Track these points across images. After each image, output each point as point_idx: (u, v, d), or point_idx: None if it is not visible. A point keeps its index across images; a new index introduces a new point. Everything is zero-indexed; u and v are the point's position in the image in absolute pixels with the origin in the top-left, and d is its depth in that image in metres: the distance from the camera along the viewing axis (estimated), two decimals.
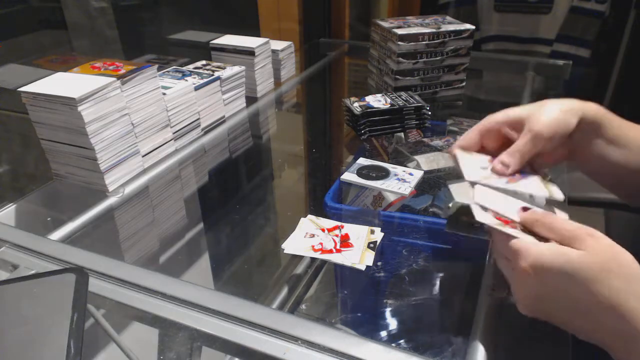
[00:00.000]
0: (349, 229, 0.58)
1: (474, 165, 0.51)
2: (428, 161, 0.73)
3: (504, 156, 0.49)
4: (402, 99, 0.86)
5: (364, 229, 0.58)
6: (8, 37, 1.11)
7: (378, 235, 0.57)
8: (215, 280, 0.70)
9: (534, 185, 0.49)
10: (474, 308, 0.48)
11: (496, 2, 1.69)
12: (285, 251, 0.54)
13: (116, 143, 0.71)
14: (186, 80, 0.86)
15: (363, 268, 0.52)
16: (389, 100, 0.85)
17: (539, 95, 1.15)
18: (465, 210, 0.60)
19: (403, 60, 1.01)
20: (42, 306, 0.41)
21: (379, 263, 0.63)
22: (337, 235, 0.57)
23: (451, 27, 1.02)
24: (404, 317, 0.61)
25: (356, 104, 0.84)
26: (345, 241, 0.56)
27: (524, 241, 0.41)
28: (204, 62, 1.00)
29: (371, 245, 0.55)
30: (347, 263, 0.52)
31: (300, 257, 0.57)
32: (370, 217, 0.62)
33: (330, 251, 0.54)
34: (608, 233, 0.39)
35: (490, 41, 1.74)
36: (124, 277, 0.49)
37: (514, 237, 0.42)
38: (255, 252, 0.78)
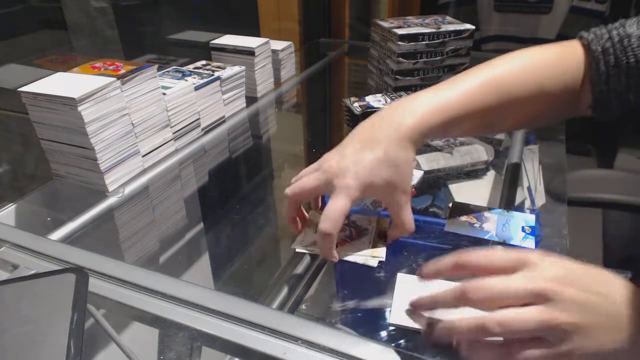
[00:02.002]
0: (358, 220, 0.58)
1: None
2: (428, 161, 0.73)
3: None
4: None
5: (373, 220, 0.58)
6: (8, 37, 1.11)
7: (387, 225, 0.57)
8: (215, 280, 0.70)
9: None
10: None
11: (496, 2, 1.68)
12: (296, 250, 0.54)
13: (116, 143, 0.71)
14: (186, 80, 0.86)
15: (375, 264, 0.52)
16: (389, 101, 0.85)
17: None
18: (465, 210, 0.60)
19: (403, 60, 1.01)
20: (42, 306, 0.41)
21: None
22: (346, 228, 0.57)
23: (451, 27, 1.01)
24: None
25: (356, 104, 0.84)
26: (354, 234, 0.56)
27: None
28: (204, 62, 1.00)
29: (382, 237, 0.55)
30: (360, 260, 0.52)
31: (301, 257, 0.57)
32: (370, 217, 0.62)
33: (343, 242, 0.54)
34: (606, 233, 0.39)
35: (490, 41, 1.74)
36: (124, 277, 0.49)
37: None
38: (255, 252, 0.78)
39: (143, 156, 0.77)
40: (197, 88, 0.87)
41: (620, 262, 0.94)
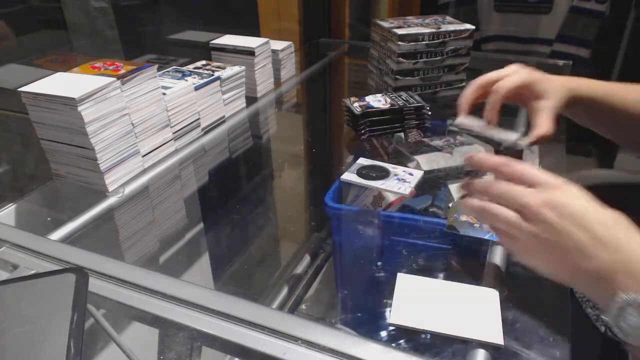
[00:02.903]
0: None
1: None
2: (428, 161, 0.73)
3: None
4: (402, 99, 0.86)
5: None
6: (8, 36, 1.11)
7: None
8: (215, 280, 0.70)
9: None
10: None
11: (496, 2, 1.69)
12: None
13: (116, 143, 0.71)
14: (186, 80, 0.86)
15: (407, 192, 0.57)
16: (389, 100, 0.85)
17: None
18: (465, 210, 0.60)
19: (403, 60, 1.01)
20: (42, 306, 0.41)
21: (379, 263, 0.63)
22: None
23: (451, 27, 1.01)
24: None
25: (356, 104, 0.84)
26: None
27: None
28: (204, 62, 1.00)
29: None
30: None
31: (301, 257, 0.57)
32: (370, 217, 0.62)
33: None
34: None
35: (490, 41, 1.74)
36: (124, 277, 0.49)
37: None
38: (255, 252, 0.78)
39: (143, 156, 0.77)
40: (197, 88, 0.87)
41: None
